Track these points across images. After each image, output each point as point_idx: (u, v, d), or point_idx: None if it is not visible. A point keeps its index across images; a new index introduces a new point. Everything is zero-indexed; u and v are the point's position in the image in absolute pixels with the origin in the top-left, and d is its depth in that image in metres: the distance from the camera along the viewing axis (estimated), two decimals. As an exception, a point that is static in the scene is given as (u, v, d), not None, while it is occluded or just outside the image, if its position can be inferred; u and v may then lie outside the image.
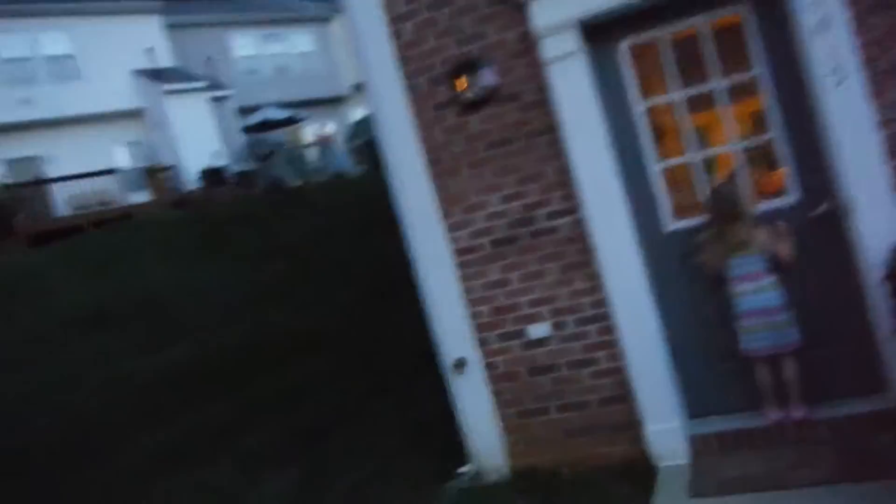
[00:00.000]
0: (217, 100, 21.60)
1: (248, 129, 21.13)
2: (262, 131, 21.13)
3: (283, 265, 10.53)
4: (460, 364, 4.02)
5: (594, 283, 3.77)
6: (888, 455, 3.12)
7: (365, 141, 18.90)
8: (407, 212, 4.05)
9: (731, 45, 3.52)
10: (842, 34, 3.18)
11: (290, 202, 14.41)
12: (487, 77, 3.74)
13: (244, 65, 24.42)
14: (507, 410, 4.05)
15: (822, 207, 3.46)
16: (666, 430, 3.69)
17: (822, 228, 3.49)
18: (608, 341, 3.80)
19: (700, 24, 3.59)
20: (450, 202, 3.99)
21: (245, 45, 24.56)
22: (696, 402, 3.84)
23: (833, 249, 3.50)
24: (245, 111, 22.13)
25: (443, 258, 4.01)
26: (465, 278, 4.01)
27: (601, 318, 3.80)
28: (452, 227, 3.99)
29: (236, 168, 20.18)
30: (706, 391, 3.82)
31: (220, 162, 20.04)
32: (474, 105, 3.83)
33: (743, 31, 3.54)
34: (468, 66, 3.78)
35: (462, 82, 3.81)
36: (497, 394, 4.04)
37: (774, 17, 3.43)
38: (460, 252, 4.00)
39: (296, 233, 11.94)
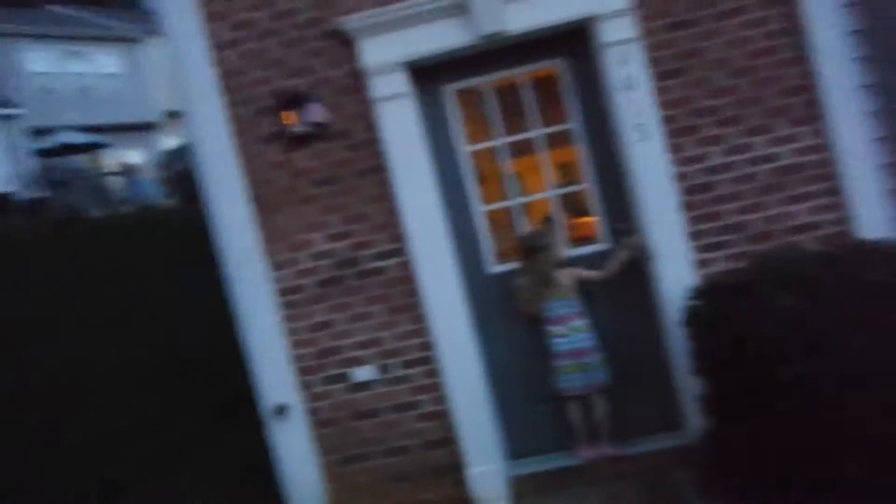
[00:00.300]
0: (4, 118, 19.28)
1: (43, 153, 18.95)
2: (59, 156, 18.86)
3: (82, 303, 9.45)
4: (281, 410, 3.80)
5: (420, 326, 3.74)
6: (682, 490, 3.34)
7: (178, 171, 17.77)
8: (227, 248, 3.80)
9: (548, 97, 3.73)
10: (644, 93, 3.46)
11: (87, 233, 13.12)
12: (315, 112, 3.64)
13: (39, 82, 21.71)
14: (328, 458, 3.87)
15: (627, 254, 3.66)
16: (487, 472, 3.70)
17: (628, 274, 3.69)
18: (433, 384, 3.77)
19: (519, 75, 3.76)
20: (274, 240, 3.79)
21: (40, 61, 21.74)
22: (516, 443, 3.92)
23: (638, 294, 3.74)
24: (40, 133, 19.78)
25: (265, 298, 3.78)
26: (289, 319, 3.82)
27: (426, 360, 3.77)
28: (276, 266, 3.80)
29: (26, 194, 18.12)
30: (525, 432, 3.91)
31: (5, 187, 17.87)
32: (301, 140, 3.70)
33: (559, 84, 3.75)
34: (296, 100, 3.65)
35: (289, 116, 3.67)
36: (318, 440, 3.86)
37: (586, 73, 3.67)
38: (284, 292, 3.81)
39: (91, 266, 10.81)
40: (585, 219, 3.90)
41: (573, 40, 3.65)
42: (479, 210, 3.85)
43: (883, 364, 2.39)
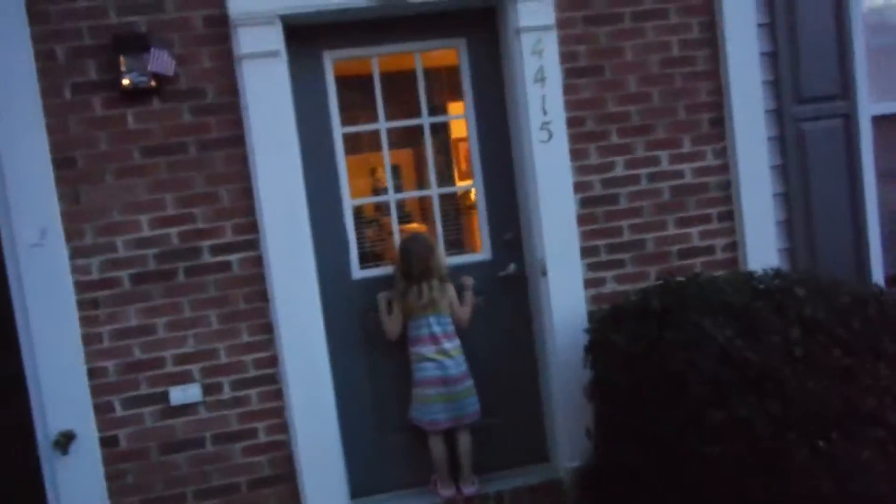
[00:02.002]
0: None
1: None
2: None
3: None
4: (65, 439, 2.91)
5: (264, 338, 3.08)
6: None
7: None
8: (15, 225, 2.87)
9: (443, 82, 3.33)
10: (556, 89, 3.14)
11: None
12: (159, 62, 2.90)
13: None
14: (124, 501, 3.01)
15: (511, 268, 3.33)
16: (329, 515, 3.12)
17: (507, 290, 3.35)
18: (272, 409, 3.10)
19: (412, 51, 3.29)
20: (80, 218, 2.95)
21: None
22: (363, 478, 3.34)
23: (515, 313, 3.38)
24: None
25: (59, 293, 2.91)
26: (89, 322, 2.97)
27: (267, 380, 3.09)
28: (79, 253, 2.95)
29: None
30: (374, 465, 3.35)
31: None
32: (136, 95, 2.94)
33: (457, 68, 3.33)
34: (133, 43, 2.89)
35: (122, 63, 2.92)
36: (113, 479, 3.00)
37: (491, 59, 3.31)
38: (86, 286, 2.96)
39: None
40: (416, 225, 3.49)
41: (482, 20, 3.28)
42: (349, 203, 3.29)
43: (827, 407, 2.18)
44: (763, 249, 3.26)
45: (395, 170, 3.51)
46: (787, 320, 2.36)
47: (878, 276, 3.41)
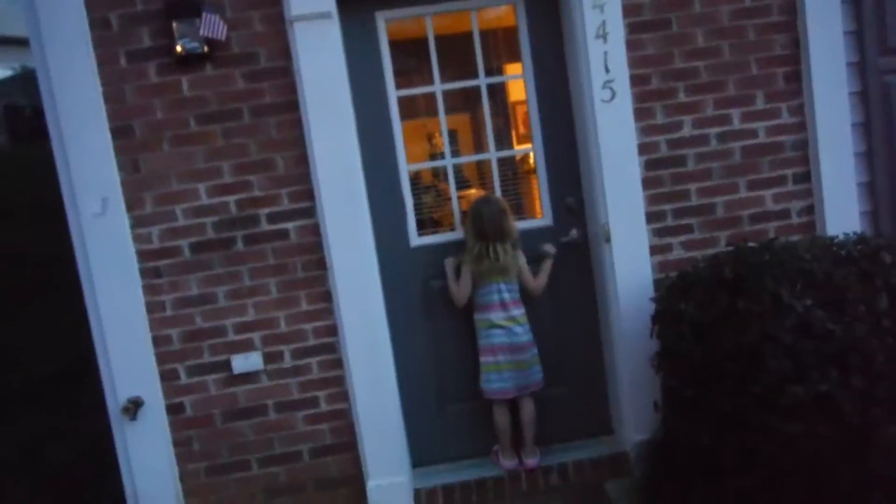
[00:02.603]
0: None
1: None
2: None
3: None
4: (133, 405, 2.97)
5: (323, 307, 3.06)
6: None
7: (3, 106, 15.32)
8: (78, 196, 2.89)
9: (500, 43, 3.20)
10: (619, 45, 2.99)
11: None
12: (211, 26, 2.84)
13: None
14: (191, 466, 3.09)
15: (573, 233, 3.23)
16: (391, 485, 3.09)
17: (570, 257, 3.25)
18: (333, 378, 3.10)
19: (467, 9, 3.14)
20: (140, 187, 2.96)
21: None
22: (425, 449, 3.34)
23: (578, 280, 3.29)
24: None
25: (122, 262, 2.94)
26: (152, 291, 3.00)
27: (327, 349, 3.09)
28: (140, 222, 2.97)
29: None
30: (434, 435, 3.33)
31: None
32: (189, 61, 2.90)
33: (514, 28, 3.19)
34: (184, 8, 2.84)
35: (175, 28, 2.88)
36: (180, 444, 3.07)
37: (550, 15, 3.15)
38: (147, 255, 2.98)
39: None
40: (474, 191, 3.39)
41: (539, -26, 3.14)
42: (405, 169, 3.22)
43: None
44: (843, 213, 3.08)
45: (452, 134, 3.41)
46: (873, 288, 2.21)
47: (967, 239, 3.20)
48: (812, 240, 2.64)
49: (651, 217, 3.12)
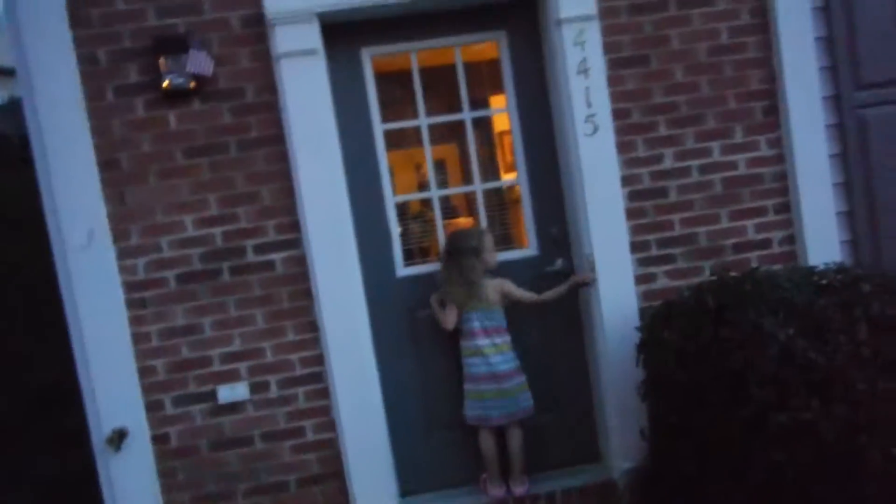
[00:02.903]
0: None
1: None
2: None
3: None
4: (118, 436, 2.94)
5: (309, 336, 3.07)
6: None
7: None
8: (64, 228, 2.89)
9: (484, 76, 3.26)
10: (600, 81, 3.06)
11: None
12: (198, 62, 2.89)
13: None
14: (176, 497, 3.05)
15: (558, 264, 3.25)
16: (378, 514, 3.10)
17: (556, 286, 3.20)
18: (320, 407, 3.10)
19: (451, 45, 3.22)
20: (126, 219, 2.97)
21: None
22: (412, 477, 3.31)
23: (565, 310, 3.29)
24: None
25: (108, 293, 2.94)
26: (138, 322, 2.99)
27: (314, 378, 3.09)
28: (126, 254, 2.97)
29: None
30: (421, 464, 3.31)
31: None
32: (177, 96, 2.94)
33: (498, 61, 3.26)
34: (172, 45, 2.89)
35: (162, 64, 2.92)
36: (166, 475, 3.03)
37: (532, 51, 3.23)
38: (133, 286, 2.98)
39: None
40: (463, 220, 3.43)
41: (522, 11, 3.20)
42: (391, 201, 3.25)
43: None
44: (823, 242, 3.13)
45: (440, 164, 3.45)
46: (853, 318, 2.25)
47: (944, 267, 3.26)
48: (793, 269, 2.70)
49: (635, 247, 3.17)
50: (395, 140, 3.33)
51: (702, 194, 3.20)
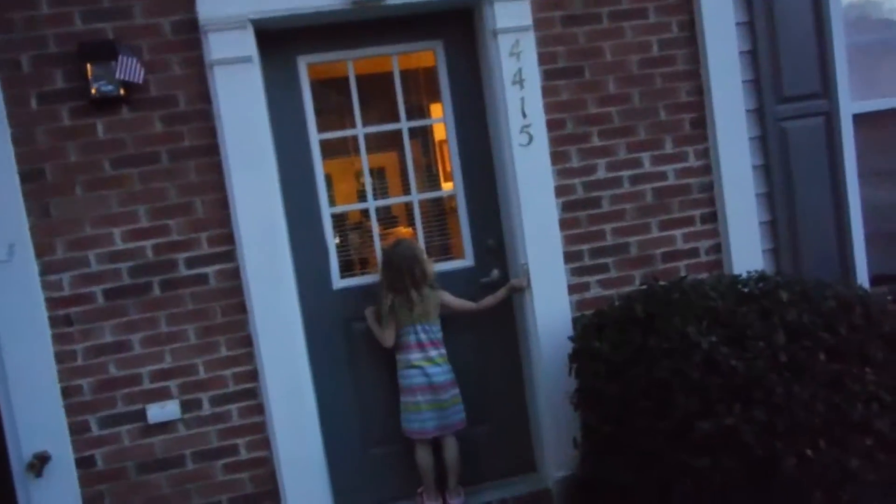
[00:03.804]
0: None
1: None
2: None
3: None
4: (39, 461, 2.81)
5: (243, 352, 3.00)
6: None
7: None
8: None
9: (422, 84, 3.26)
10: (535, 91, 3.09)
11: None
12: (128, 69, 2.80)
13: None
14: (104, 523, 2.98)
15: (494, 274, 3.26)
16: (314, 532, 3.06)
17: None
18: (253, 424, 3.03)
19: (388, 53, 3.21)
20: (51, 232, 2.86)
21: None
22: (348, 493, 3.27)
23: (500, 320, 3.31)
24: None
25: (29, 310, 2.82)
26: (61, 340, 2.88)
27: (247, 395, 3.02)
28: (50, 268, 2.86)
29: None
30: (358, 479, 3.28)
31: None
32: (105, 104, 2.85)
33: (435, 71, 3.26)
34: (100, 51, 2.80)
35: (90, 71, 2.81)
36: (90, 501, 2.92)
37: (468, 61, 3.24)
38: (57, 302, 2.87)
39: None
40: (402, 229, 3.44)
41: (458, 21, 3.21)
42: (327, 212, 3.21)
43: (814, 415, 2.15)
44: (747, 251, 3.23)
45: (380, 172, 3.45)
46: (772, 325, 2.32)
47: (862, 275, 3.39)
48: (718, 278, 2.77)
49: (568, 257, 3.21)
50: (334, 148, 3.30)
51: (633, 204, 3.26)
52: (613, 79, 3.22)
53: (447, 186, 3.36)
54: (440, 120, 3.31)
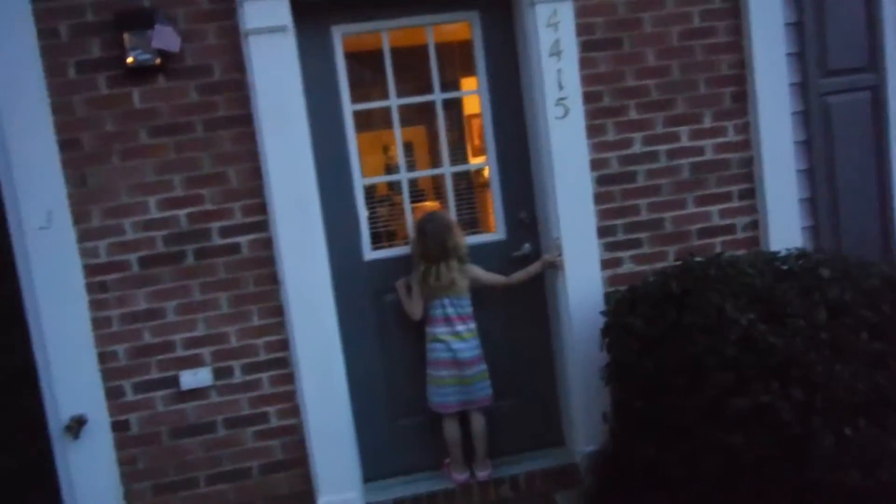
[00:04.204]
0: None
1: None
2: None
3: None
4: (77, 424, 2.89)
5: (274, 321, 3.03)
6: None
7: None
8: (21, 208, 2.81)
9: (456, 57, 3.22)
10: (572, 63, 3.04)
11: None
12: (164, 38, 2.82)
13: None
14: (136, 486, 3.02)
15: (525, 248, 3.24)
16: (342, 500, 3.06)
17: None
18: (284, 393, 3.06)
19: (423, 24, 3.17)
20: (87, 200, 2.90)
21: None
22: (376, 462, 3.31)
23: (531, 294, 3.30)
24: None
25: (67, 277, 2.87)
26: (98, 306, 2.93)
27: (279, 363, 3.05)
28: (87, 236, 2.90)
29: None
30: (386, 449, 3.31)
31: None
32: (141, 73, 2.87)
33: (470, 43, 3.22)
34: (137, 19, 2.81)
35: (126, 40, 2.84)
36: (125, 463, 2.99)
37: (505, 32, 3.19)
38: (94, 269, 2.92)
39: None
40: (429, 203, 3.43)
41: (495, -10, 3.17)
42: (360, 183, 3.21)
43: (854, 394, 2.10)
44: (786, 228, 3.16)
45: (408, 147, 3.42)
46: (812, 303, 2.27)
47: (904, 254, 3.31)
48: (756, 254, 2.72)
49: (602, 232, 3.17)
50: (364, 121, 3.29)
51: (669, 179, 3.21)
52: (653, 51, 3.15)
53: (475, 161, 3.33)
54: (475, 92, 3.27)
